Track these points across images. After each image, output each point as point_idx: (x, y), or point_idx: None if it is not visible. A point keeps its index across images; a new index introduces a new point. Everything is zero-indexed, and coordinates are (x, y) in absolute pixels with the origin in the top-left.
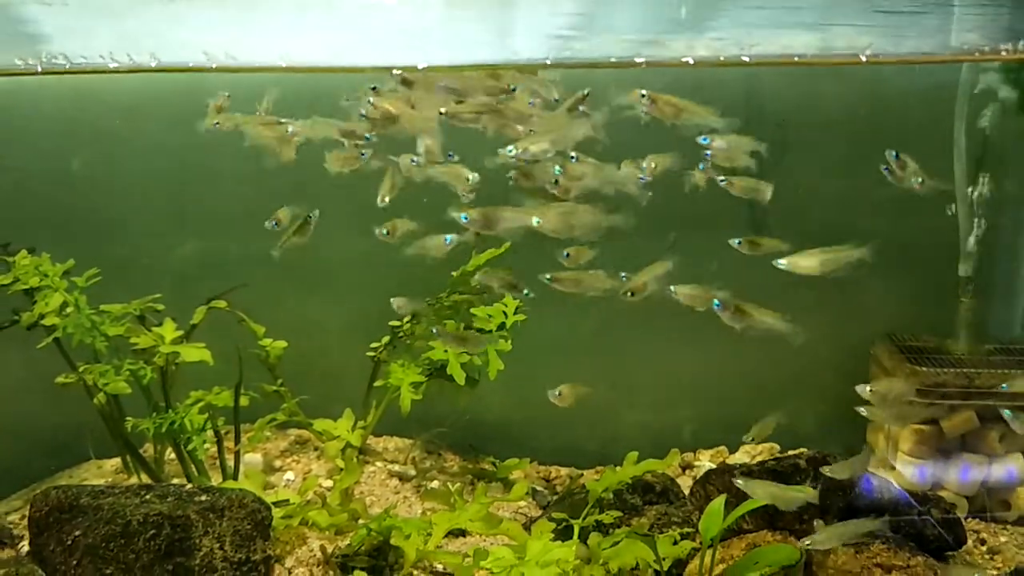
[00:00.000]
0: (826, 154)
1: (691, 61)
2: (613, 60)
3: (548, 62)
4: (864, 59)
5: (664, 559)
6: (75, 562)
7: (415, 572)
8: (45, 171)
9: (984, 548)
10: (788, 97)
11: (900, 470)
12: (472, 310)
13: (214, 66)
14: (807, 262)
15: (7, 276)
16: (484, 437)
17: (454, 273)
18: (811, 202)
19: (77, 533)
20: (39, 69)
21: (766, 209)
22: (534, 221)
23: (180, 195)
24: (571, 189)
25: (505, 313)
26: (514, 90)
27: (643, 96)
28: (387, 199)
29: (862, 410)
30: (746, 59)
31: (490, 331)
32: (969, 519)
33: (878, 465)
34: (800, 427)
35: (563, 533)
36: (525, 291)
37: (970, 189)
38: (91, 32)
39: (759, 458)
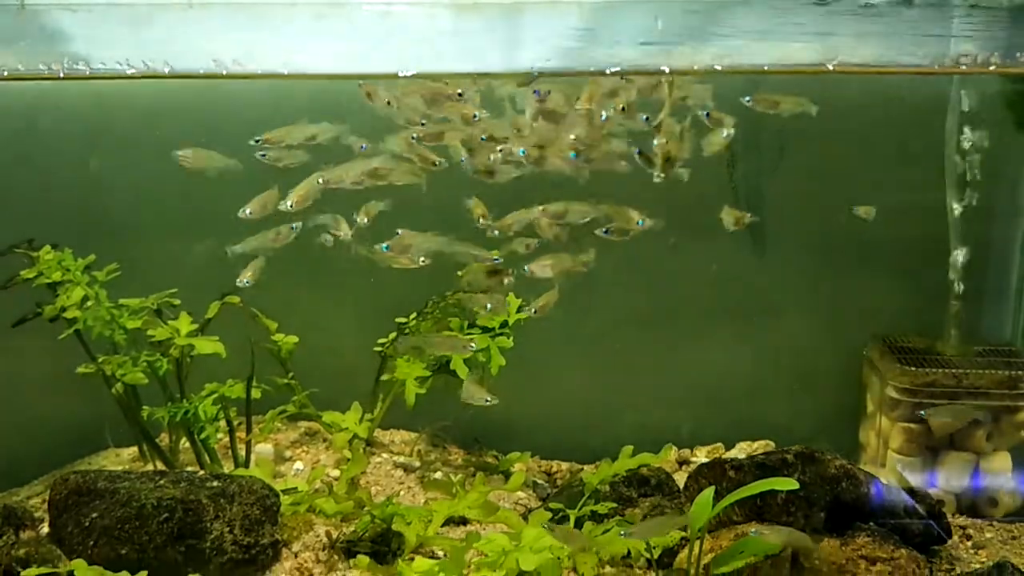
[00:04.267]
0: (821, 159)
1: (667, 70)
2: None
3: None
4: (831, 67)
5: (655, 548)
6: (92, 543)
7: (416, 557)
8: (68, 170)
9: (970, 543)
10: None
11: (890, 467)
12: (475, 308)
13: (224, 72)
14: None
15: (31, 270)
16: (488, 432)
17: (460, 272)
18: (806, 207)
19: (94, 515)
20: (61, 75)
21: (763, 214)
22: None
23: (197, 195)
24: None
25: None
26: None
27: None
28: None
29: None
30: (717, 68)
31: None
32: (956, 515)
33: (869, 462)
34: (795, 426)
35: (559, 523)
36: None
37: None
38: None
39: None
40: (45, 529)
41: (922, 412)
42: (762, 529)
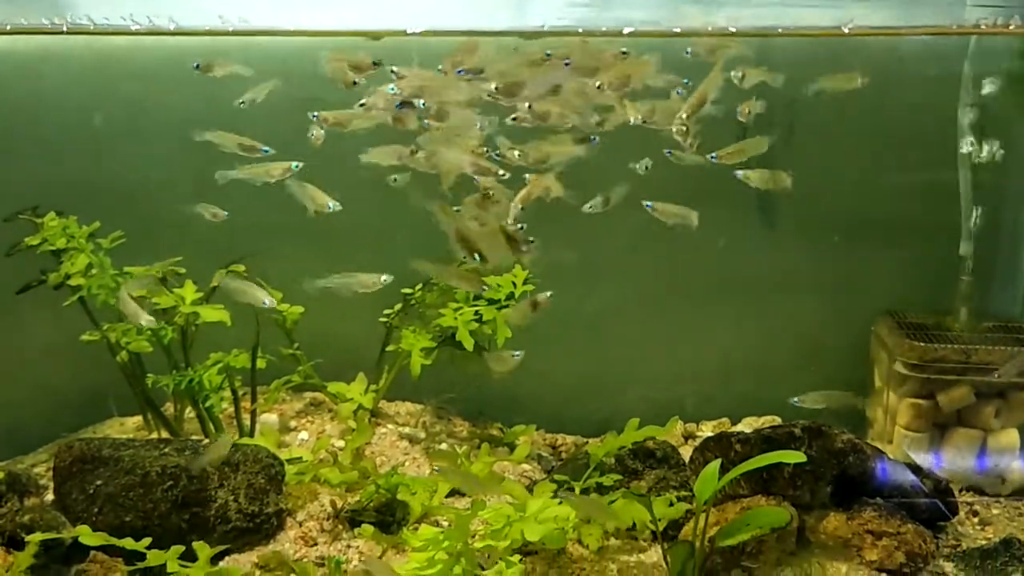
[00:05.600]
0: (830, 136)
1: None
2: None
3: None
4: (846, 30)
5: (660, 520)
6: (96, 510)
7: (421, 527)
8: (72, 136)
9: (976, 520)
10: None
11: (897, 443)
12: (483, 278)
13: (229, 29)
14: None
15: (36, 237)
16: (493, 406)
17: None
18: (815, 182)
19: (99, 482)
20: (65, 29)
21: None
22: None
23: (203, 162)
24: None
25: (514, 283)
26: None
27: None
28: None
29: None
30: (732, 30)
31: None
32: (963, 492)
33: (876, 438)
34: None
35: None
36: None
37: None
38: None
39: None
40: (49, 496)
41: (795, 400)
42: None
